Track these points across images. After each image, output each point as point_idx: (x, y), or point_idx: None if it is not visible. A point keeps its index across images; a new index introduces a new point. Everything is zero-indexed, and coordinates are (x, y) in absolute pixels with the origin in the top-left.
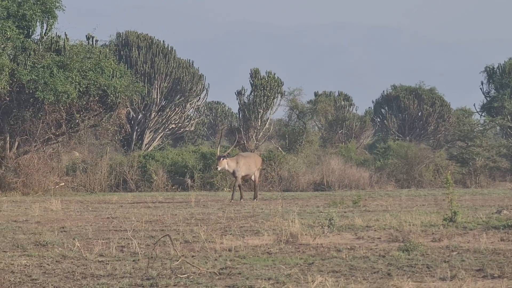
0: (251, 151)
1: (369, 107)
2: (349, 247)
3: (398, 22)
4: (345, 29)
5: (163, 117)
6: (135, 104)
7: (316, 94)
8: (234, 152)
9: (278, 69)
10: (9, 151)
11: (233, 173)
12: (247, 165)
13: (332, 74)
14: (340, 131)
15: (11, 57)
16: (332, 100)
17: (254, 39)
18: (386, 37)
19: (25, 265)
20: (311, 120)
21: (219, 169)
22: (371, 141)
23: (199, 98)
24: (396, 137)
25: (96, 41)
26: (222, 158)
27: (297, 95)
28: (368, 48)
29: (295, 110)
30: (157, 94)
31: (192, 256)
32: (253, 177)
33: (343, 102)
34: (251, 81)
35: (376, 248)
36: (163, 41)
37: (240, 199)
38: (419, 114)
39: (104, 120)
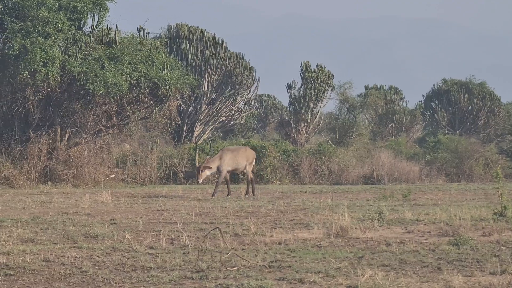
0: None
1: (419, 101)
2: (399, 241)
3: (447, 15)
4: (394, 22)
5: (214, 109)
6: (186, 97)
7: (366, 88)
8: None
9: (328, 62)
10: (60, 143)
11: (217, 169)
12: (234, 159)
13: (382, 68)
14: (390, 125)
15: (62, 49)
16: (382, 93)
17: (304, 33)
18: (435, 30)
19: (75, 257)
20: (361, 114)
21: (200, 181)
22: (421, 135)
23: (250, 91)
24: (446, 131)
25: (147, 33)
26: (200, 171)
27: (348, 88)
28: (417, 42)
29: (345, 104)
30: (207, 87)
31: (242, 249)
32: (245, 172)
33: (393, 96)
34: (301, 74)
35: (426, 242)
36: (214, 33)
37: (227, 195)
38: (469, 108)
39: (154, 112)
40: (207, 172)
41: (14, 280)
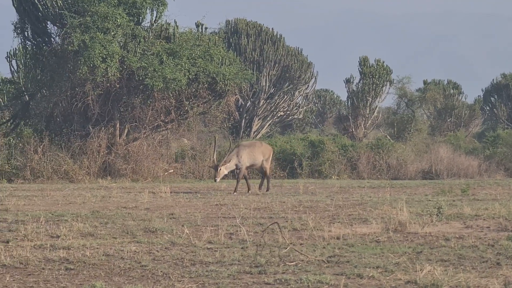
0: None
1: (478, 96)
2: (457, 236)
3: (507, 10)
4: (453, 17)
5: (272, 104)
6: (244, 92)
7: (425, 82)
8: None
9: (386, 57)
10: (119, 138)
11: (236, 167)
12: (251, 155)
13: (441, 62)
14: (449, 120)
15: (121, 44)
16: (441, 88)
17: (363, 27)
18: (495, 25)
19: (135, 251)
20: (419, 108)
21: (217, 180)
22: (480, 129)
23: (308, 85)
24: (506, 126)
25: (206, 28)
26: (218, 169)
27: (406, 83)
28: (477, 36)
29: (403, 98)
30: (265, 82)
31: (301, 244)
32: (262, 168)
33: (452, 91)
34: (359, 69)
35: (485, 237)
36: (272, 28)
37: (248, 191)
38: None
39: (213, 107)
40: (224, 171)
41: (74, 274)
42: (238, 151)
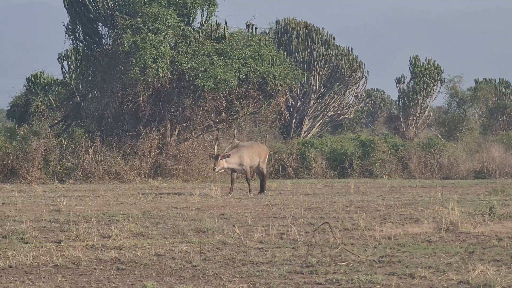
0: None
1: None
2: (510, 235)
3: None
4: (504, 14)
5: (322, 104)
6: (294, 92)
7: (476, 81)
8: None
9: (436, 55)
10: (170, 138)
11: (240, 167)
12: (250, 155)
13: (492, 61)
14: (501, 119)
15: (172, 45)
16: (493, 87)
17: (413, 26)
18: None
19: (186, 251)
20: (471, 108)
21: (216, 170)
22: None
23: (358, 85)
24: None
25: (256, 28)
26: (219, 158)
27: (457, 82)
28: None
29: (455, 98)
30: (316, 82)
31: (352, 244)
32: (259, 169)
33: (504, 89)
34: (410, 68)
35: None
36: (322, 28)
37: (229, 193)
38: None
39: (263, 107)
40: (224, 164)
41: (126, 274)
42: (239, 150)
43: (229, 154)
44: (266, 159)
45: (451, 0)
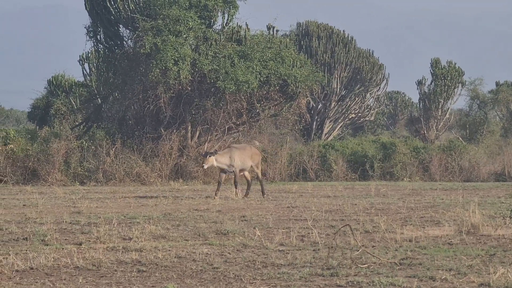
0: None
1: None
2: None
3: None
4: None
5: (343, 106)
6: (315, 94)
7: (497, 84)
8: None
9: (457, 58)
10: (191, 140)
11: (229, 169)
12: (241, 157)
13: None
14: None
15: (193, 47)
16: None
17: (434, 28)
18: None
19: (207, 253)
20: (492, 110)
21: (205, 167)
22: None
23: (379, 87)
24: None
25: (277, 31)
26: (209, 155)
27: (478, 84)
28: None
29: (476, 100)
30: (337, 84)
31: (373, 246)
32: (246, 173)
33: None
34: (431, 70)
35: None
36: (343, 30)
37: (214, 197)
38: None
39: (284, 109)
40: (213, 161)
41: (147, 277)
42: (230, 151)
43: (216, 151)
44: (260, 162)
45: (471, 1)
